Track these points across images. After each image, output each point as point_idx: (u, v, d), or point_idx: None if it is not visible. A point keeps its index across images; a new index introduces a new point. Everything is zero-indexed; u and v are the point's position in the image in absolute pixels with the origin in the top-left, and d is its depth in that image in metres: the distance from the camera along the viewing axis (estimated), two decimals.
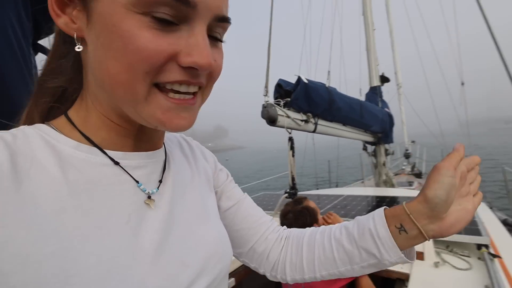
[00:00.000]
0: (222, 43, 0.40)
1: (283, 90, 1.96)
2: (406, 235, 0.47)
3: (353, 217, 1.94)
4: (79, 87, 0.41)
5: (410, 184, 4.79)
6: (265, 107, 1.72)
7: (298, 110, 1.97)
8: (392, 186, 4.05)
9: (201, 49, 0.33)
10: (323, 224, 1.51)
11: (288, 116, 1.82)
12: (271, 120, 1.73)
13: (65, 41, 0.39)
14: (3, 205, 0.29)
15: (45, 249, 0.29)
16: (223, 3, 0.36)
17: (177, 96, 0.35)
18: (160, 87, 0.34)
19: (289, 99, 1.89)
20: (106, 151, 0.39)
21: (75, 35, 0.36)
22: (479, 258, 1.45)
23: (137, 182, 0.40)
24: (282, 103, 1.84)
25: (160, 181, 0.44)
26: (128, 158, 0.41)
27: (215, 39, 0.38)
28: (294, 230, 0.62)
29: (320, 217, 1.48)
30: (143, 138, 0.43)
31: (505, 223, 2.86)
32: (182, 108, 0.36)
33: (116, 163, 0.39)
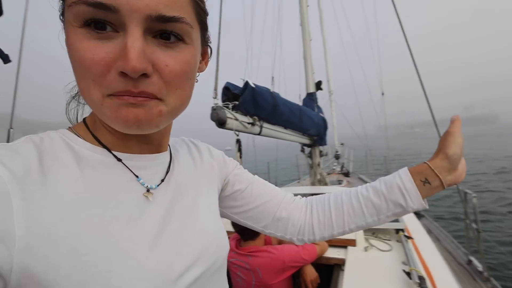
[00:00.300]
0: (188, 45, 0.39)
1: (230, 93, 2.02)
2: (430, 186, 0.59)
3: None
4: None
5: (339, 182, 5.27)
6: (214, 109, 1.77)
7: (245, 113, 2.06)
8: (326, 184, 4.40)
9: (127, 52, 0.33)
10: None
11: (236, 119, 1.89)
12: (221, 123, 1.78)
13: None
14: (32, 192, 0.34)
15: (62, 231, 0.34)
16: (158, 0, 0.34)
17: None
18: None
19: (237, 102, 1.97)
20: (114, 152, 0.44)
21: None
22: (397, 241, 1.71)
23: (137, 177, 0.45)
24: (230, 106, 1.91)
25: (163, 180, 0.48)
26: (134, 159, 0.46)
27: (168, 41, 0.37)
28: (314, 197, 0.70)
29: None
30: (144, 140, 0.47)
31: (414, 212, 3.35)
32: (134, 104, 0.36)
33: (119, 160, 0.44)
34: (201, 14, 0.42)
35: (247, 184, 0.67)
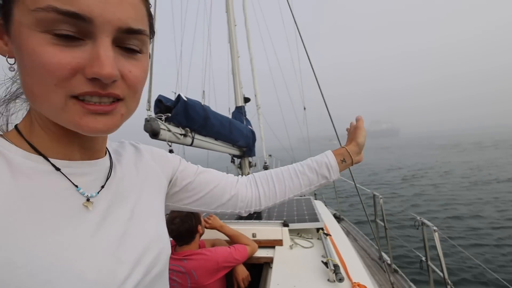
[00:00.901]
0: (144, 54, 0.42)
1: (163, 106, 2.07)
2: (345, 164, 0.82)
3: (228, 218, 2.21)
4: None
5: None
6: (148, 121, 1.80)
7: (177, 125, 2.12)
8: None
9: (102, 60, 0.35)
10: (205, 225, 1.71)
11: (169, 130, 1.95)
12: (154, 134, 1.82)
13: None
14: None
15: None
16: (127, 15, 0.37)
17: (92, 102, 0.38)
18: (77, 98, 0.37)
19: (169, 114, 2.02)
20: (51, 159, 0.42)
21: (7, 56, 0.40)
22: (318, 238, 1.96)
23: (76, 186, 0.44)
24: (163, 117, 1.96)
25: (103, 187, 0.47)
26: (73, 166, 0.44)
27: (129, 50, 0.40)
28: (255, 174, 0.82)
29: (202, 219, 1.67)
30: (87, 146, 0.47)
31: (334, 216, 3.76)
32: (98, 113, 0.38)
33: (57, 169, 0.42)
34: (152, 25, 0.46)
35: (194, 176, 0.70)
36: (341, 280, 1.33)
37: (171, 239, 1.60)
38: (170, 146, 2.05)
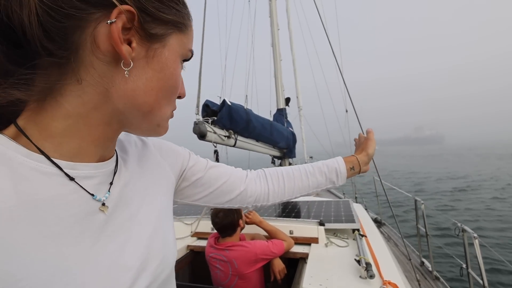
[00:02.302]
0: None
1: (209, 110, 2.28)
2: (353, 171, 0.85)
3: (267, 216, 2.35)
4: (40, 98, 0.38)
5: (308, 194, 5.61)
6: (196, 124, 2.01)
7: (222, 127, 2.31)
8: None
9: (183, 84, 0.50)
10: (246, 220, 1.87)
11: (215, 132, 2.14)
12: (202, 135, 2.02)
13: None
14: None
15: None
16: None
17: None
18: None
19: (215, 117, 2.22)
20: (57, 161, 0.38)
21: (130, 59, 0.39)
22: (353, 239, 2.01)
23: (93, 194, 0.42)
24: (210, 121, 2.15)
25: (108, 191, 0.45)
26: (77, 168, 0.41)
27: None
28: (265, 170, 0.83)
29: (243, 214, 1.83)
30: (109, 148, 0.46)
31: (375, 220, 3.72)
32: None
33: (71, 178, 0.40)
34: None
35: (204, 171, 0.69)
36: (372, 277, 1.39)
37: (215, 231, 1.77)
38: (215, 146, 2.24)
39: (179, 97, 0.51)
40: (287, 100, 5.14)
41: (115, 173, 0.48)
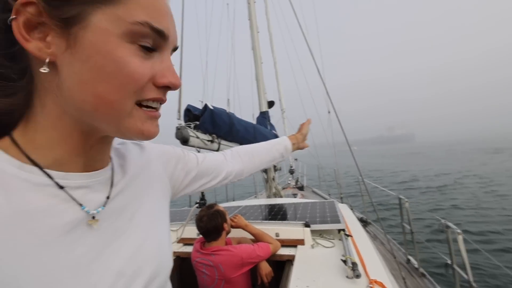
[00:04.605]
0: None
1: (192, 114, 2.26)
2: (295, 146, 1.07)
3: (253, 219, 2.35)
4: (24, 109, 0.39)
5: (294, 195, 5.63)
6: (178, 129, 1.99)
7: (205, 131, 2.29)
8: (281, 197, 4.71)
9: (173, 72, 0.42)
10: (231, 224, 1.86)
11: (197, 137, 2.12)
12: (184, 140, 2.00)
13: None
14: None
15: None
16: (176, 35, 0.44)
17: (152, 109, 0.42)
18: (139, 104, 0.40)
19: (197, 122, 2.20)
20: (48, 171, 0.39)
21: (47, 59, 0.36)
22: (339, 239, 2.03)
23: (81, 205, 0.41)
24: (192, 125, 2.13)
25: (106, 198, 0.45)
26: (69, 178, 0.41)
27: None
28: (236, 148, 0.94)
29: (228, 218, 1.81)
30: (96, 157, 0.45)
31: (361, 220, 3.78)
32: (154, 119, 0.42)
33: (61, 186, 0.40)
34: None
35: (197, 168, 0.75)
36: (358, 276, 1.41)
37: (201, 235, 1.75)
38: (198, 151, 2.22)
39: (169, 88, 0.42)
40: (271, 104, 5.16)
41: (112, 181, 0.48)
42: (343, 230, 2.08)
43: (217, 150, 2.52)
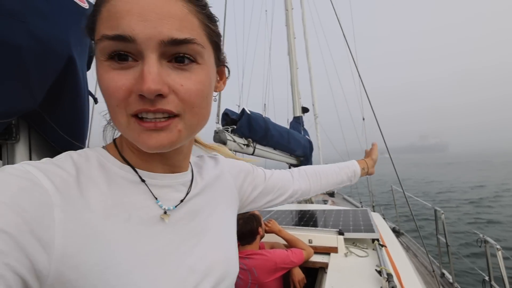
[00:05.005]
0: (201, 65, 0.42)
1: (229, 118, 2.32)
2: (364, 172, 1.04)
3: (285, 224, 2.35)
4: None
5: (325, 202, 5.56)
6: (217, 132, 2.05)
7: (241, 136, 2.34)
8: (311, 203, 4.67)
9: (143, 77, 0.36)
10: (265, 228, 1.88)
11: (234, 141, 2.17)
12: (222, 144, 2.06)
13: None
14: (71, 206, 0.38)
15: (93, 244, 0.37)
16: (169, 27, 0.37)
17: (148, 120, 0.39)
18: (136, 116, 0.39)
19: (235, 126, 2.26)
20: (138, 170, 0.47)
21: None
22: (373, 249, 1.98)
23: (156, 198, 0.47)
24: (230, 129, 2.19)
25: (182, 200, 0.50)
26: (157, 178, 0.48)
27: (182, 63, 0.40)
28: (304, 168, 0.93)
29: (263, 222, 1.84)
30: (166, 162, 0.50)
31: (393, 230, 3.65)
32: (151, 131, 0.39)
33: (143, 180, 0.47)
34: (212, 35, 0.45)
35: (264, 183, 0.77)
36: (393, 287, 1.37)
37: None
38: (235, 155, 2.27)
39: (142, 95, 0.37)
40: (305, 110, 5.14)
41: (191, 184, 0.54)
42: (377, 240, 2.04)
43: (252, 153, 2.56)
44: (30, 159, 0.70)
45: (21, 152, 0.68)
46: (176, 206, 0.49)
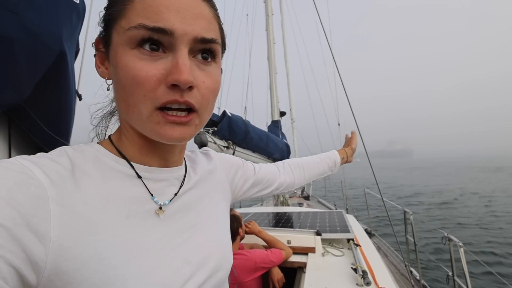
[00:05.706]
0: (217, 65, 0.46)
1: (210, 120, 2.32)
2: (343, 160, 1.08)
3: (265, 226, 2.38)
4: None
5: (300, 205, 5.68)
6: (198, 134, 2.05)
7: (221, 138, 2.35)
8: (288, 205, 4.74)
9: (179, 67, 0.38)
10: (245, 229, 1.90)
11: (215, 143, 2.18)
12: (202, 145, 2.05)
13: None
14: (66, 199, 0.38)
15: (89, 236, 0.38)
16: (201, 26, 0.41)
17: (170, 113, 0.41)
18: (160, 109, 0.41)
19: (215, 128, 2.26)
20: (134, 164, 0.47)
21: (106, 78, 0.47)
22: (348, 248, 2.06)
23: (152, 195, 0.48)
24: (210, 131, 2.20)
25: (176, 194, 0.51)
26: (152, 172, 0.49)
27: (204, 60, 0.43)
28: (288, 161, 0.96)
29: (243, 223, 1.85)
30: (164, 156, 0.51)
31: (365, 231, 3.79)
32: (176, 123, 0.42)
33: (139, 176, 0.47)
34: (223, 39, 0.49)
35: (254, 176, 0.80)
36: (368, 284, 1.44)
37: None
38: None
39: (174, 85, 0.39)
40: (282, 114, 5.22)
41: (184, 178, 0.55)
42: (352, 239, 2.12)
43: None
44: (10, 156, 0.67)
45: (0, 148, 0.65)
46: (171, 200, 0.50)
